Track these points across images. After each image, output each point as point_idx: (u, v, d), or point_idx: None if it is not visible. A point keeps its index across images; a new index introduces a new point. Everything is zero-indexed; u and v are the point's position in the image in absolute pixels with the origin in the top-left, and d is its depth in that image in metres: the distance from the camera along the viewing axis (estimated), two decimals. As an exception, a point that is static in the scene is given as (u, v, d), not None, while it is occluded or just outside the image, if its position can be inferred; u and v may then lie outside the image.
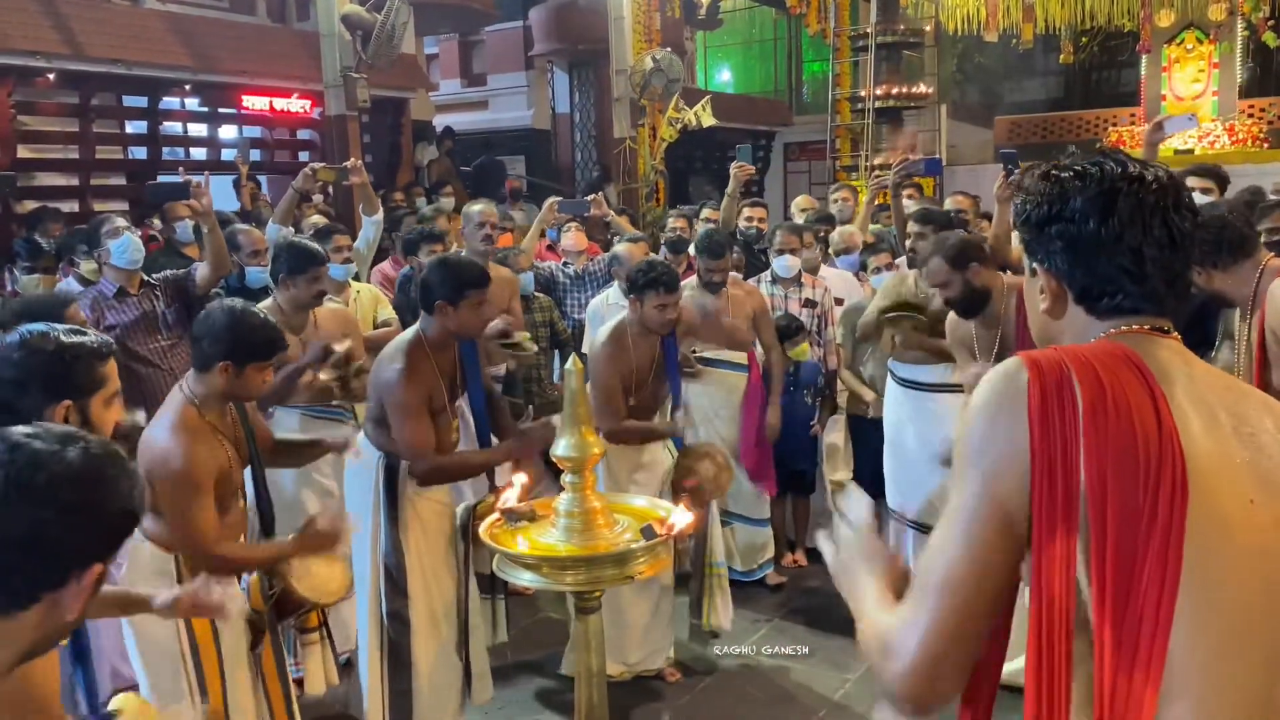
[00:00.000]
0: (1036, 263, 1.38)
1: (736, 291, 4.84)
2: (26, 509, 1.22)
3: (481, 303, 3.33)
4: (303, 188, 5.53)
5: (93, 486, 1.27)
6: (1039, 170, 1.37)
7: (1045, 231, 1.33)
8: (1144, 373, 1.23)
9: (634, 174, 12.69)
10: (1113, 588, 1.17)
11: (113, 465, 1.31)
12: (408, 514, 3.37)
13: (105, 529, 1.30)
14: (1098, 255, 1.30)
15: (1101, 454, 1.18)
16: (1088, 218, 1.29)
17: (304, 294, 3.95)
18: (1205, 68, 14.38)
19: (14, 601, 1.24)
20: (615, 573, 2.68)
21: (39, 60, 8.52)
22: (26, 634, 1.27)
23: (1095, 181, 1.30)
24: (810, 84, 21.20)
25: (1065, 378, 1.22)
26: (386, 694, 3.38)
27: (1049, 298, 1.37)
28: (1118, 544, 1.17)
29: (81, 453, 1.28)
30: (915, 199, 6.57)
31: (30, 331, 2.12)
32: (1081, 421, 1.19)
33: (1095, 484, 1.18)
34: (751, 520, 4.95)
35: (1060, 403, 1.21)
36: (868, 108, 13.98)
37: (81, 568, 1.27)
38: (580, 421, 2.72)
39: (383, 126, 11.69)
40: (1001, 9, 13.50)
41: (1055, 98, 17.99)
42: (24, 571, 1.23)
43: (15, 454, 1.24)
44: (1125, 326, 1.31)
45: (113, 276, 4.23)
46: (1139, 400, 1.21)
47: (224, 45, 10.11)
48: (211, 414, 2.73)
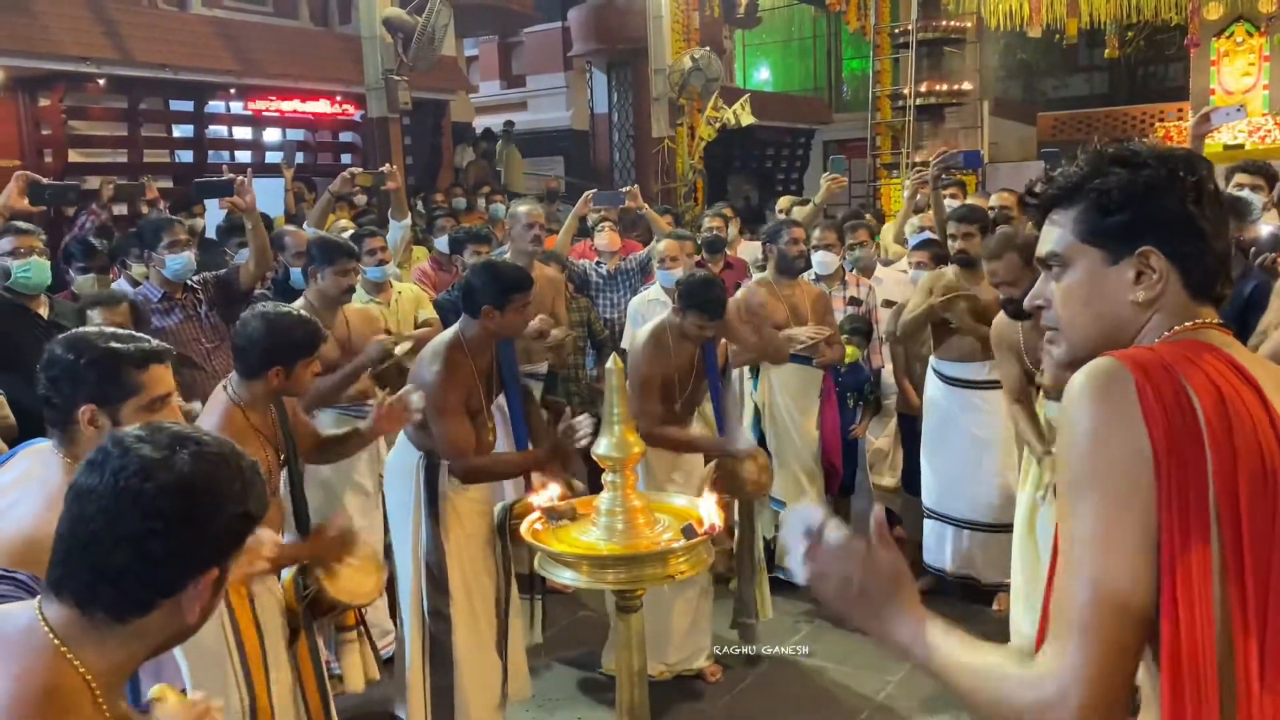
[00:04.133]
0: (1148, 246, 1.27)
1: (805, 291, 4.83)
2: (137, 519, 1.22)
3: (526, 305, 3.35)
4: (339, 191, 5.60)
5: (203, 494, 1.25)
6: (1130, 150, 1.31)
7: (1175, 211, 1.27)
8: (1247, 375, 1.20)
9: (672, 173, 12.69)
10: (1255, 602, 1.13)
11: (226, 467, 1.29)
12: (447, 513, 3.40)
13: (219, 533, 1.28)
14: (1217, 237, 1.28)
15: (1233, 466, 1.14)
16: (1214, 198, 1.28)
17: (332, 287, 3.97)
18: (1256, 61, 14.08)
19: (132, 608, 1.25)
20: (656, 572, 2.67)
21: (89, 66, 8.70)
22: (147, 639, 1.28)
23: (1197, 163, 1.29)
24: (850, 81, 21.09)
25: (1178, 384, 1.16)
26: (429, 690, 3.41)
27: (1157, 284, 1.27)
28: (1255, 559, 1.13)
29: (191, 458, 1.26)
30: (958, 198, 6.51)
31: (79, 334, 2.17)
32: (1206, 432, 1.14)
33: (1227, 495, 1.13)
34: None
35: (1181, 412, 1.15)
36: (908, 105, 13.87)
37: (197, 573, 1.26)
38: (621, 420, 2.73)
39: (423, 128, 11.80)
40: (1045, 4, 13.33)
41: (1100, 93, 17.77)
42: (139, 579, 1.23)
43: (125, 460, 1.24)
44: (1192, 322, 1.27)
45: (159, 282, 4.29)
46: (1254, 408, 1.17)
47: (268, 49, 10.26)
48: (255, 416, 2.77)
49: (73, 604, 1.24)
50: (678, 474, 4.01)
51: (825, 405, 4.87)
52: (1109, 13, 13.46)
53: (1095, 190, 1.30)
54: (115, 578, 1.23)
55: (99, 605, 1.24)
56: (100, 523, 1.23)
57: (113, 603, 1.24)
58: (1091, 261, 1.31)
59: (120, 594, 1.24)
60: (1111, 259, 1.30)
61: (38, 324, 3.85)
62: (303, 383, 2.81)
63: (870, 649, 4.35)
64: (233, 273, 4.45)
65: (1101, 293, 1.31)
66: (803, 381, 4.82)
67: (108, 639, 1.25)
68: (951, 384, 4.57)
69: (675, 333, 3.90)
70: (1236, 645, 1.13)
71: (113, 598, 1.24)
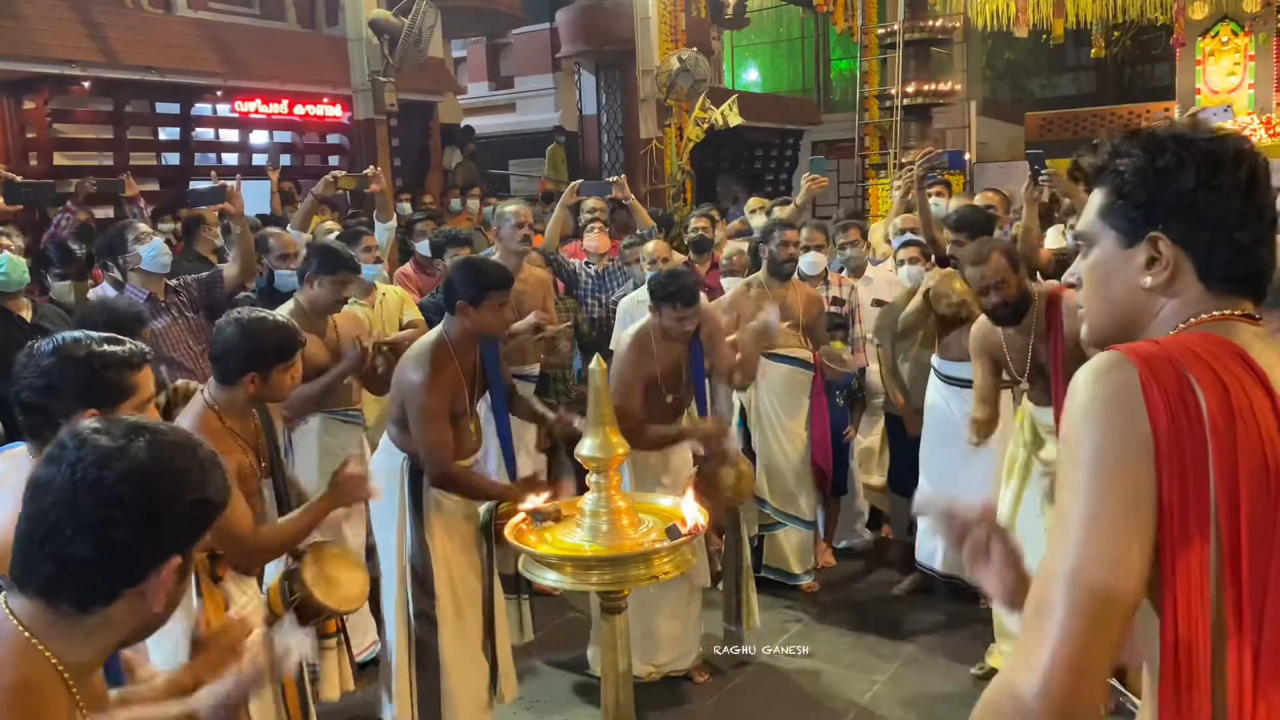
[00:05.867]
0: (1158, 232, 1.25)
1: (798, 292, 4.83)
2: (95, 509, 1.22)
3: (503, 304, 3.33)
4: (323, 194, 5.59)
5: (160, 481, 1.26)
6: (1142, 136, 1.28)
7: (1187, 198, 1.23)
8: (1256, 370, 1.18)
9: (661, 174, 12.68)
10: (1249, 602, 1.12)
11: (183, 454, 1.29)
12: (432, 515, 3.39)
13: (178, 521, 1.28)
14: (1238, 228, 1.23)
15: (1234, 463, 1.12)
16: (1237, 186, 1.22)
17: (328, 296, 3.96)
18: (1241, 60, 14.15)
19: (95, 598, 1.25)
20: (641, 572, 2.67)
21: (74, 69, 8.67)
22: (114, 629, 1.28)
23: (1234, 150, 1.24)
24: (838, 82, 21.10)
25: (1183, 378, 1.15)
26: (414, 693, 3.40)
27: (1167, 271, 1.25)
28: (1252, 557, 1.12)
29: (148, 446, 1.26)
30: (944, 196, 6.51)
31: (65, 338, 2.15)
32: (1208, 426, 1.13)
33: (1227, 493, 1.12)
34: (804, 522, 4.93)
35: (1184, 406, 1.14)
36: (896, 105, 13.88)
37: (159, 562, 1.27)
38: (604, 422, 2.72)
39: (411, 130, 11.77)
40: (1031, 4, 13.36)
41: (1087, 93, 17.83)
42: (100, 569, 1.24)
43: (81, 451, 1.25)
44: (1216, 312, 1.24)
45: (140, 282, 4.26)
46: (1260, 404, 1.15)
47: (254, 51, 10.23)
48: (233, 420, 2.74)
49: (36, 596, 1.25)
50: (666, 477, 4.00)
51: (815, 407, 4.87)
52: (1095, 13, 13.50)
53: (1114, 171, 1.29)
54: (77, 568, 1.23)
55: (63, 596, 1.24)
56: (60, 514, 1.23)
57: (76, 593, 1.24)
58: (1110, 243, 1.30)
59: (83, 584, 1.24)
60: (1126, 242, 1.28)
61: (21, 327, 3.83)
62: (280, 389, 2.77)
63: (858, 650, 4.36)
64: (216, 275, 4.43)
65: (1116, 275, 1.30)
66: (789, 383, 4.82)
67: (74, 630, 1.26)
68: (951, 384, 4.57)
69: (659, 335, 3.89)
70: (1230, 646, 1.13)
71: (76, 588, 1.24)
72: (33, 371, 2.11)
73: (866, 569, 5.33)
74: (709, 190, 15.02)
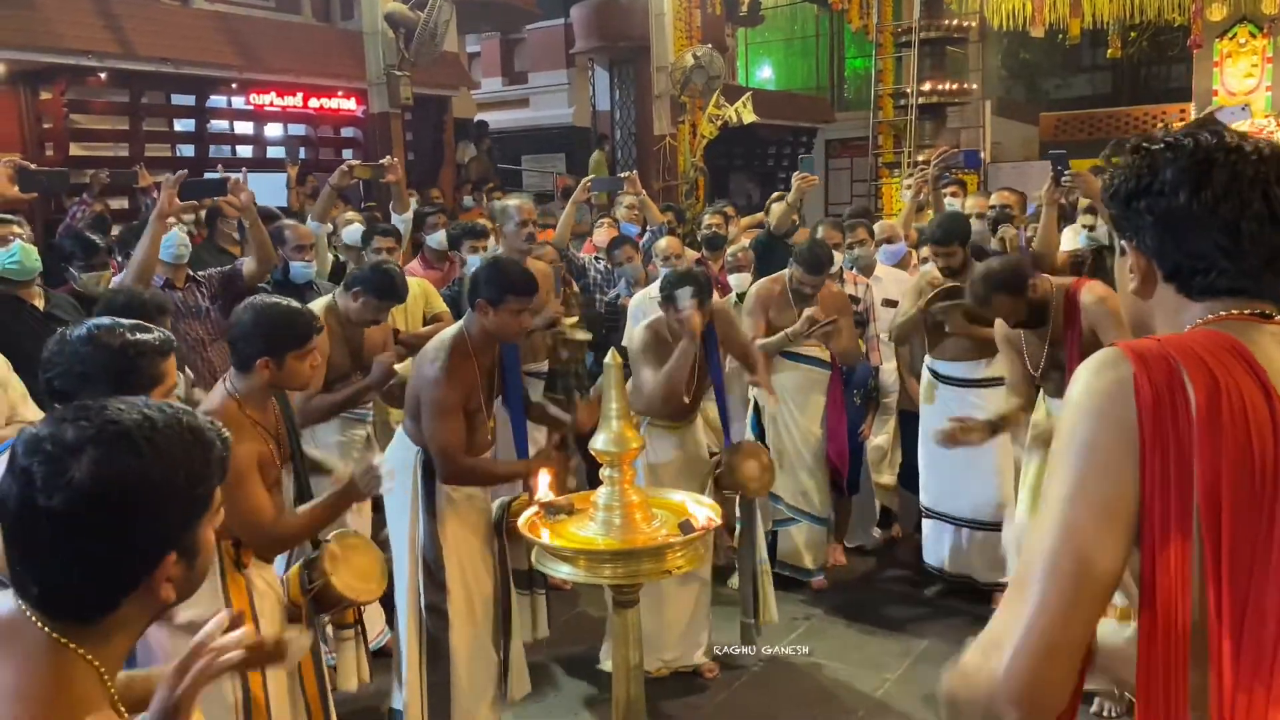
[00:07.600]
0: (1125, 240, 1.31)
1: (825, 294, 4.81)
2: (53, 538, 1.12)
3: (521, 311, 3.32)
4: (339, 185, 5.60)
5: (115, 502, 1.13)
6: (1130, 144, 1.30)
7: (1134, 206, 1.26)
8: (1255, 368, 1.17)
9: (674, 171, 12.68)
10: (1230, 599, 1.12)
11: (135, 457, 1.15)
12: (445, 509, 3.39)
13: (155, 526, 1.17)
14: (1190, 230, 1.22)
15: (1217, 461, 1.12)
16: (1178, 190, 1.21)
17: (366, 315, 4.00)
18: (1259, 62, 14.05)
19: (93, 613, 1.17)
20: (653, 567, 2.67)
21: (91, 59, 8.70)
22: (130, 624, 1.20)
23: (1188, 153, 1.22)
24: (852, 80, 21.08)
25: (1175, 374, 1.15)
26: (424, 686, 3.40)
27: (1138, 277, 1.30)
28: (1234, 554, 1.12)
29: (91, 465, 1.12)
30: (959, 196, 6.50)
31: (98, 326, 2.16)
32: (1196, 424, 1.13)
33: (1209, 492, 1.12)
34: (817, 519, 4.93)
35: (1173, 402, 1.14)
36: (911, 104, 13.85)
37: (151, 564, 1.17)
38: (619, 416, 2.72)
39: (425, 124, 11.78)
40: (1048, 3, 13.30)
41: (1102, 94, 17.75)
42: (84, 589, 1.15)
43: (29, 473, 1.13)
44: (1224, 311, 1.23)
45: (157, 270, 4.29)
46: (1254, 401, 1.15)
47: (270, 44, 10.26)
48: (253, 409, 2.74)
49: (37, 609, 1.16)
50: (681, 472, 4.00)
51: (832, 405, 4.85)
52: (1112, 13, 13.41)
53: (1106, 180, 1.33)
54: (62, 591, 1.15)
55: (61, 614, 1.16)
56: (22, 541, 1.14)
57: (74, 610, 1.16)
58: (1125, 248, 1.34)
59: (76, 602, 1.16)
60: (1122, 248, 1.33)
61: (34, 315, 3.84)
62: (297, 376, 2.76)
63: (869, 647, 4.35)
64: (236, 270, 4.45)
65: (1122, 279, 1.35)
66: (803, 381, 4.81)
67: (91, 632, 1.18)
68: (947, 383, 4.57)
69: (672, 331, 3.90)
70: (1211, 641, 1.13)
71: (71, 606, 1.16)
72: (67, 358, 2.13)
73: (878, 567, 5.32)
74: (722, 187, 15.01)
